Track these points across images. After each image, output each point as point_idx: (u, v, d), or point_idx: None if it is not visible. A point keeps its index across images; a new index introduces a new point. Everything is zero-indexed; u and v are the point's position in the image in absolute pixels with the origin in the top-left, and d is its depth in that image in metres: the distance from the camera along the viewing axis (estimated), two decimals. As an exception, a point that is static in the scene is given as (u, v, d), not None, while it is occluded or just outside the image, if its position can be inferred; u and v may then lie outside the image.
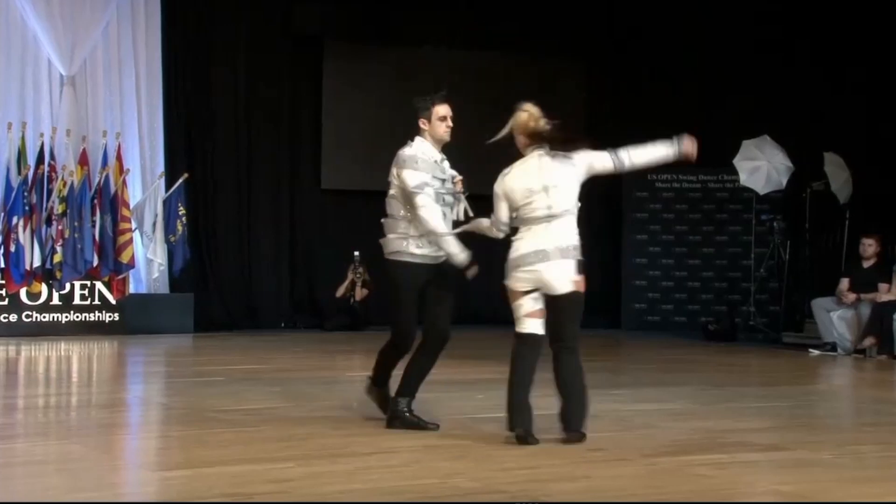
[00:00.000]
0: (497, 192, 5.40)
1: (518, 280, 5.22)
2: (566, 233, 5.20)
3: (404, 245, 5.49)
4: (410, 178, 5.47)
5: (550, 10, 13.81)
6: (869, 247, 10.93)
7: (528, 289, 5.20)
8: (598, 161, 5.40)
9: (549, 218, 5.19)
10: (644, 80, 13.95)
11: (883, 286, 10.73)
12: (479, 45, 13.87)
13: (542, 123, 5.38)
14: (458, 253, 5.47)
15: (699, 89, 13.75)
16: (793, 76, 13.33)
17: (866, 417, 7.12)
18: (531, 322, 5.22)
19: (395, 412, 5.50)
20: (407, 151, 5.57)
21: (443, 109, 5.71)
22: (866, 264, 10.96)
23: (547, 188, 5.22)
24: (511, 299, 5.28)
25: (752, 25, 13.48)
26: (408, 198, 5.43)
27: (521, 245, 5.22)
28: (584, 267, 5.22)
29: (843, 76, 13.16)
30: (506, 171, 5.42)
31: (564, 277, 5.14)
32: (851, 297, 10.79)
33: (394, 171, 5.53)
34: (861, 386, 9.06)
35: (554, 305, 5.18)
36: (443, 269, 5.53)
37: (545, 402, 5.51)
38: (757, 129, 12.48)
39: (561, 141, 5.36)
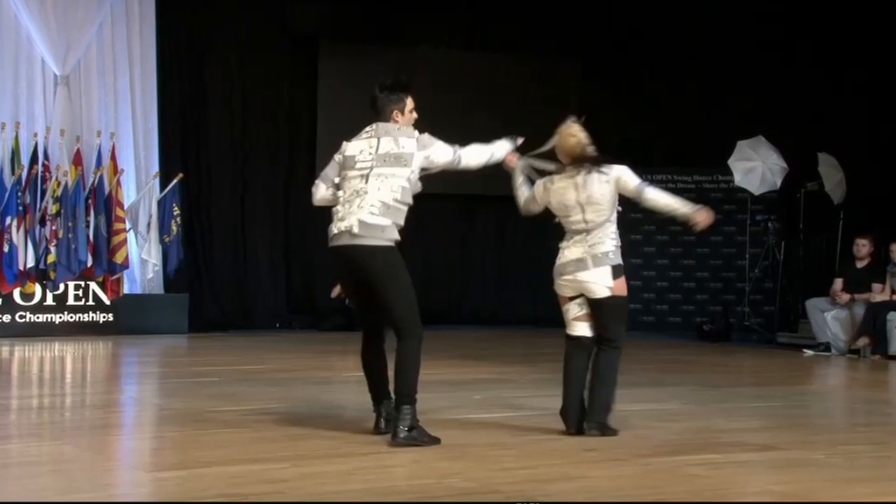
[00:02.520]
0: (538, 193, 5.70)
1: (562, 287, 5.60)
2: (602, 241, 5.56)
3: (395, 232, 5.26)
4: (445, 149, 5.45)
5: (549, 10, 13.81)
6: (863, 247, 10.96)
7: (573, 295, 5.58)
8: (627, 181, 5.67)
9: (587, 230, 5.56)
10: (644, 80, 13.95)
11: (877, 286, 10.76)
12: (477, 45, 13.85)
13: (590, 151, 5.65)
14: (506, 145, 5.73)
15: (699, 89, 13.75)
16: (793, 76, 13.34)
17: (860, 417, 7.14)
18: (578, 325, 5.61)
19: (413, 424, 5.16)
20: (420, 133, 5.36)
21: (412, 101, 5.48)
22: (860, 264, 10.98)
23: (583, 205, 5.56)
24: (560, 304, 5.64)
25: (752, 25, 13.48)
26: (449, 167, 5.48)
27: (565, 254, 5.59)
28: (622, 271, 5.66)
29: (843, 76, 13.18)
30: (554, 178, 5.67)
31: (601, 283, 5.53)
32: (845, 297, 10.81)
33: (422, 155, 5.27)
34: (855, 386, 9.08)
35: (597, 309, 5.58)
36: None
37: (541, 402, 5.52)
38: (757, 130, 12.50)
39: (601, 163, 5.62)
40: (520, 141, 5.63)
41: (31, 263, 11.39)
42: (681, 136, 13.65)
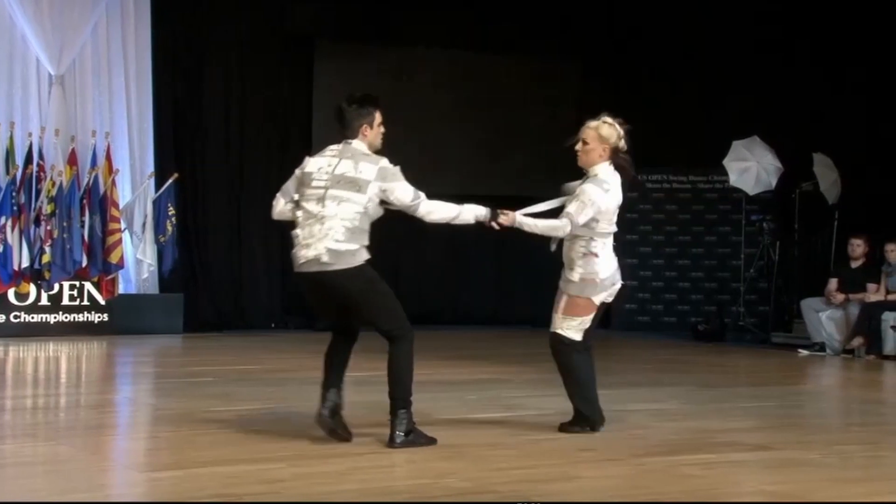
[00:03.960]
0: (598, 202, 5.45)
1: (606, 296, 5.56)
2: None
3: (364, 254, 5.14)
4: (407, 190, 5.12)
5: (549, 10, 13.80)
6: (857, 247, 10.98)
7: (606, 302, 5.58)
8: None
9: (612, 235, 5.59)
10: (644, 80, 13.96)
11: (871, 286, 10.78)
12: (477, 45, 13.83)
13: (623, 144, 5.55)
14: (482, 211, 5.33)
15: (699, 89, 13.75)
16: (793, 76, 13.36)
17: (854, 417, 7.16)
18: (589, 332, 5.57)
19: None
20: (388, 164, 5.12)
21: (380, 115, 5.25)
22: (855, 265, 11.00)
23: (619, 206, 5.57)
24: (585, 312, 5.52)
25: (752, 25, 13.49)
26: (406, 210, 5.16)
27: (607, 263, 5.53)
28: None
29: (843, 76, 13.19)
30: (606, 185, 5.50)
31: None
32: (840, 297, 10.83)
33: (378, 185, 5.04)
34: (849, 386, 9.09)
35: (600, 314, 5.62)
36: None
37: (539, 403, 5.53)
38: (756, 130, 12.52)
39: (626, 165, 5.56)
40: (501, 218, 5.32)
41: (25, 263, 11.37)
42: (681, 136, 13.66)
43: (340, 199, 5.01)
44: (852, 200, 12.26)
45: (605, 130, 5.48)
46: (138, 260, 12.09)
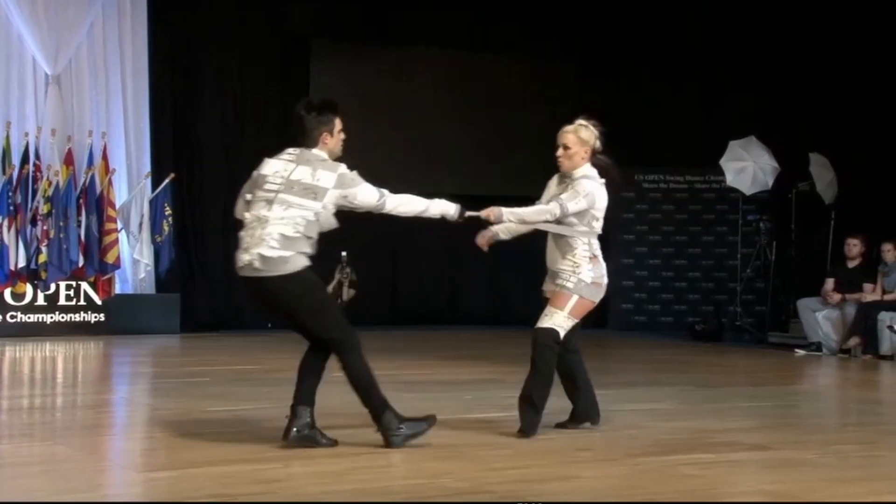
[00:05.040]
0: (592, 193, 5.44)
1: (602, 295, 5.51)
2: None
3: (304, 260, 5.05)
4: (370, 191, 5.03)
5: (548, 10, 13.80)
6: (854, 247, 10.99)
7: None
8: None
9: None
10: (643, 80, 13.96)
11: (868, 286, 10.79)
12: (476, 45, 13.83)
13: (599, 145, 5.62)
14: (450, 209, 5.23)
15: (699, 89, 13.76)
16: (793, 76, 13.37)
17: (851, 417, 7.16)
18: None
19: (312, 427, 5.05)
20: (346, 171, 5.00)
21: (340, 122, 5.12)
22: (851, 264, 11.01)
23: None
24: (584, 314, 5.52)
25: (752, 25, 13.49)
26: (374, 210, 5.09)
27: (602, 264, 5.51)
28: None
29: (843, 76, 13.21)
30: (598, 180, 5.53)
31: None
32: (837, 297, 10.83)
33: (338, 193, 4.93)
34: (846, 386, 9.10)
35: None
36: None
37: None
38: (756, 130, 12.52)
39: (606, 165, 5.59)
40: (467, 214, 5.24)
41: (22, 263, 11.36)
42: (680, 136, 13.67)
43: (290, 204, 4.90)
44: (850, 200, 12.28)
45: (584, 133, 5.55)
46: (135, 260, 12.08)
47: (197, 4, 12.96)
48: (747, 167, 12.42)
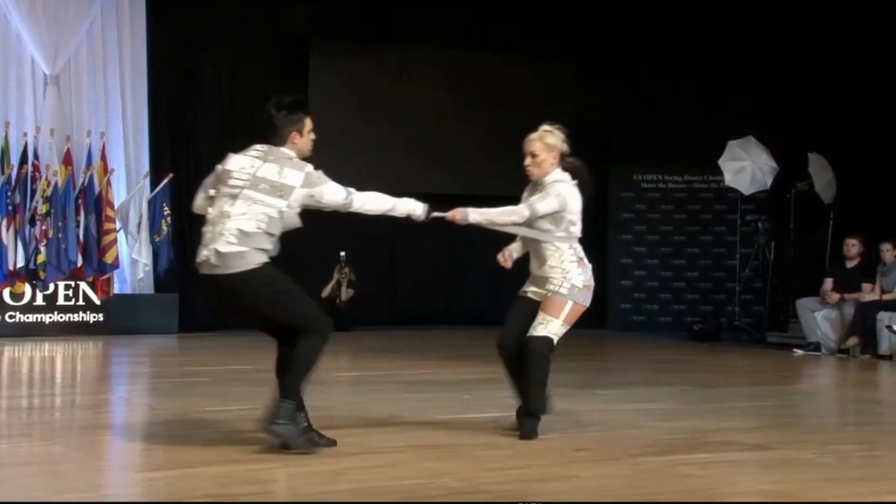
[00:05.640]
0: (564, 194, 5.41)
1: (591, 297, 5.49)
2: None
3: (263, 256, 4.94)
4: (337, 190, 4.99)
5: (548, 10, 13.80)
6: (853, 247, 10.99)
7: None
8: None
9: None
10: (643, 80, 13.97)
11: (867, 286, 10.79)
12: (474, 45, 13.83)
13: (566, 147, 5.55)
14: (417, 210, 5.18)
15: (699, 89, 13.77)
16: (793, 76, 13.38)
17: (850, 417, 7.16)
18: None
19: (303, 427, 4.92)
20: (313, 170, 4.97)
21: (310, 122, 5.05)
22: (850, 264, 11.01)
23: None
24: (575, 318, 5.45)
25: (752, 25, 13.51)
26: (341, 208, 5.04)
27: (588, 266, 5.50)
28: None
29: (843, 76, 13.22)
30: (570, 182, 5.49)
31: None
32: (835, 297, 10.83)
33: (305, 192, 4.89)
34: (845, 386, 9.09)
35: None
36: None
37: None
38: (756, 130, 12.54)
39: (576, 167, 5.54)
40: (433, 214, 5.20)
41: (20, 263, 11.36)
42: (681, 136, 13.67)
43: (254, 200, 4.84)
44: (849, 200, 12.28)
45: (549, 139, 5.50)
46: (133, 260, 12.08)
47: (196, 4, 12.96)
48: (746, 167, 12.43)
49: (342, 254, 12.78)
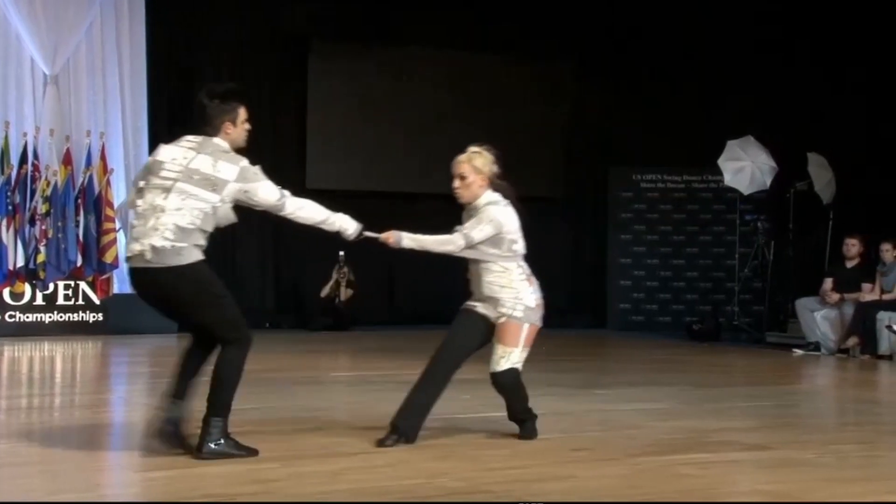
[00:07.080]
0: (498, 218, 5.26)
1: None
2: None
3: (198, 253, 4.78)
4: (271, 189, 4.88)
5: (548, 10, 13.80)
6: (852, 247, 10.99)
7: None
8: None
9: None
10: (643, 80, 13.97)
11: (866, 286, 10.79)
12: (474, 45, 13.82)
13: (497, 168, 5.43)
14: (350, 228, 5.06)
15: (699, 89, 13.77)
16: (793, 76, 13.38)
17: (850, 417, 7.16)
18: None
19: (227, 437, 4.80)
20: (249, 164, 4.82)
21: (245, 111, 4.88)
22: (850, 264, 11.01)
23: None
24: (533, 339, 5.35)
25: (752, 25, 13.52)
26: (273, 209, 4.92)
27: (536, 282, 5.34)
28: None
29: (843, 76, 13.22)
30: (502, 203, 5.33)
31: None
32: (835, 296, 10.84)
33: (238, 187, 4.74)
34: (844, 386, 9.09)
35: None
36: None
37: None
38: (756, 130, 12.54)
39: (504, 189, 5.40)
40: (365, 234, 5.10)
41: (20, 263, 11.36)
42: (680, 136, 13.68)
43: (188, 194, 4.66)
44: (849, 200, 12.29)
45: (478, 161, 5.38)
46: (133, 260, 12.06)
47: (195, 4, 12.96)
48: (745, 167, 12.43)
49: (341, 253, 12.78)
